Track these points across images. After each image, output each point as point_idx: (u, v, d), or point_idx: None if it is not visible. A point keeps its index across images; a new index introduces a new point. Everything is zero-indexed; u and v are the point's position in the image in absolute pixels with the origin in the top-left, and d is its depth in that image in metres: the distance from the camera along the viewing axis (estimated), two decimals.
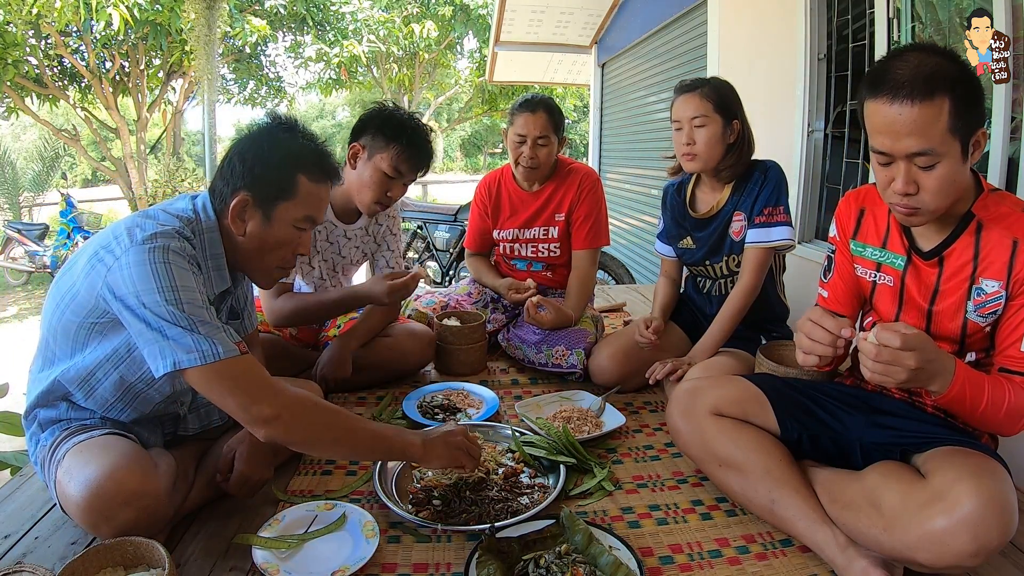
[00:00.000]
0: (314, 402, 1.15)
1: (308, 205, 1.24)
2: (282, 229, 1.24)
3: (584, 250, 2.25)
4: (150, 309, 1.05)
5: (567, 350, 2.05)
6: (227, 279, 1.27)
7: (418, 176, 1.87)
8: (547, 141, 2.15)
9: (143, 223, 1.13)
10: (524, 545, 1.15)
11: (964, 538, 0.96)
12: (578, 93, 13.81)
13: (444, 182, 20.72)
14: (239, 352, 1.10)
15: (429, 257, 5.49)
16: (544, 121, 2.13)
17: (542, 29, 6.87)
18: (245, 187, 1.20)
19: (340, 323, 2.14)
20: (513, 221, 2.31)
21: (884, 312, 1.28)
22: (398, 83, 13.67)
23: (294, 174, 1.22)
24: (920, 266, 1.20)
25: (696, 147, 1.77)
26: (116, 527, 1.07)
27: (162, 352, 1.05)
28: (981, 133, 1.06)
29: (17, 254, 8.08)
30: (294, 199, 1.22)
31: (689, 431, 1.37)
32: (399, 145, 1.77)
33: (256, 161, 1.20)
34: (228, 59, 10.96)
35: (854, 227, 1.32)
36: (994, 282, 1.12)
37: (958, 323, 1.17)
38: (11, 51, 7.92)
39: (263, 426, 1.09)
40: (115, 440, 1.16)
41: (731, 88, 1.81)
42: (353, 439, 1.19)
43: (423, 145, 1.82)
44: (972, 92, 1.03)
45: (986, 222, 1.12)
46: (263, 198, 1.21)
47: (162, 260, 1.08)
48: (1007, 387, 1.10)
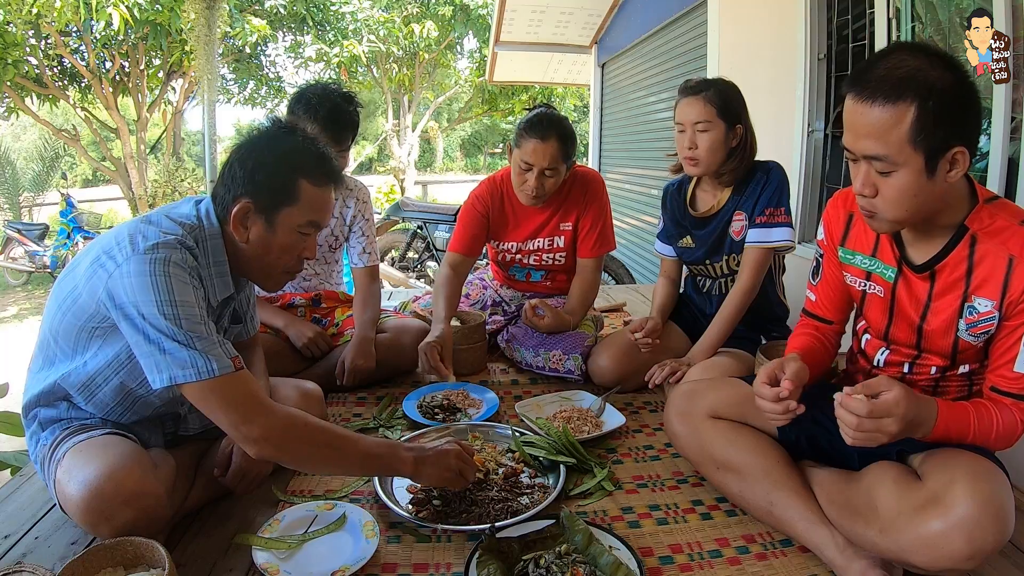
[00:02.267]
0: (304, 422, 1.14)
1: (311, 210, 1.23)
2: (285, 235, 1.23)
3: (590, 258, 2.20)
4: (149, 321, 1.06)
5: (564, 355, 2.03)
6: (230, 286, 1.26)
7: (343, 146, 1.90)
8: (555, 172, 1.98)
9: (146, 230, 1.13)
10: (524, 545, 1.15)
11: (959, 541, 0.96)
12: (578, 93, 13.80)
13: (444, 182, 20.72)
14: (234, 368, 1.10)
15: (429, 257, 5.49)
16: (555, 151, 1.94)
17: (542, 29, 6.87)
18: (246, 193, 1.19)
19: (339, 320, 2.14)
20: (517, 235, 2.21)
21: (874, 323, 1.25)
22: (398, 83, 13.67)
23: (296, 179, 1.21)
24: (911, 279, 1.15)
25: (698, 152, 1.76)
26: (116, 527, 1.07)
27: (158, 366, 1.06)
28: (959, 152, 0.97)
29: (17, 254, 8.08)
30: (297, 204, 1.21)
31: (687, 434, 1.37)
32: (312, 124, 1.81)
33: (257, 167, 1.19)
34: (228, 59, 10.95)
35: (842, 233, 1.26)
36: (988, 301, 1.07)
37: (949, 340, 1.14)
38: (11, 51, 7.91)
39: (252, 445, 1.10)
40: (115, 440, 1.16)
41: (736, 91, 1.80)
42: (343, 458, 1.19)
43: (336, 115, 1.85)
44: (951, 105, 0.95)
45: (980, 236, 1.06)
46: (265, 204, 1.20)
47: (162, 272, 1.07)
48: (993, 412, 1.07)
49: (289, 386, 1.57)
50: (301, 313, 2.12)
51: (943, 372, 1.20)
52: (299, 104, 1.86)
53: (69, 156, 15.10)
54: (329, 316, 2.16)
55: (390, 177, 13.85)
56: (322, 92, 1.87)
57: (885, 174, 1.00)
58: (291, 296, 2.11)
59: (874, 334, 1.27)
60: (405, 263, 5.74)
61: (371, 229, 2.14)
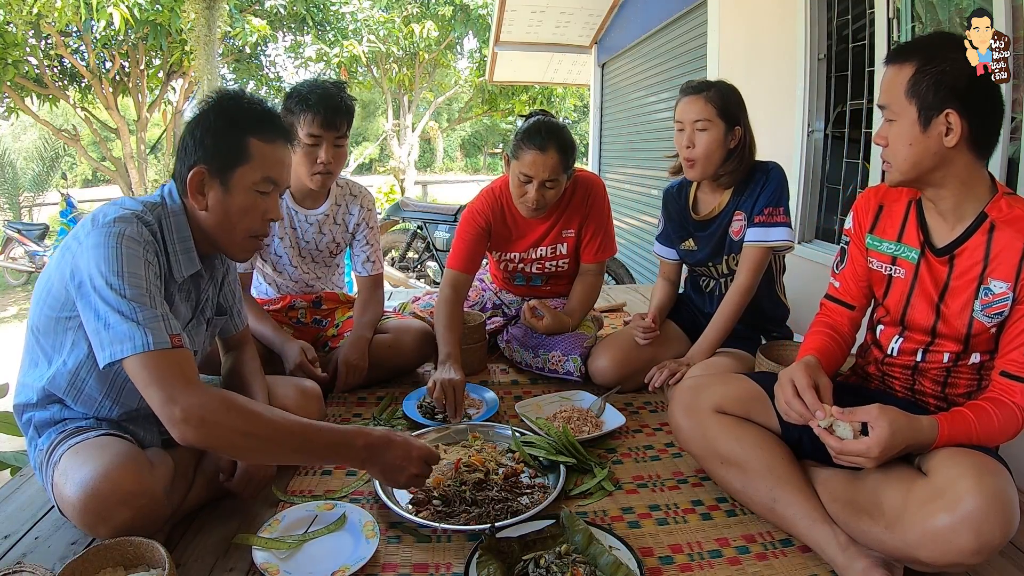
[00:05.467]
0: (239, 407, 1.08)
1: (265, 166, 1.22)
2: (242, 195, 1.22)
3: (593, 263, 2.18)
4: (98, 293, 1.06)
5: (563, 356, 2.03)
6: (196, 261, 1.26)
7: (340, 132, 1.85)
8: (556, 184, 1.92)
9: (107, 209, 1.16)
10: (524, 545, 1.15)
11: (966, 535, 0.96)
12: (578, 93, 13.80)
13: (444, 182, 20.72)
14: (171, 345, 1.07)
15: (429, 257, 5.49)
16: (555, 163, 1.88)
17: (542, 29, 6.87)
18: (199, 160, 1.20)
19: (339, 321, 2.14)
20: (520, 245, 2.17)
21: (893, 307, 1.29)
22: (398, 83, 13.68)
23: (244, 137, 1.20)
24: (932, 261, 1.22)
25: (695, 151, 1.76)
26: (113, 527, 1.07)
27: (102, 343, 1.06)
28: (951, 114, 1.09)
29: (17, 254, 8.08)
30: (249, 163, 1.21)
31: (691, 428, 1.37)
32: (305, 112, 1.79)
33: (205, 133, 1.20)
34: (228, 59, 10.95)
35: (872, 221, 1.33)
36: (1002, 283, 1.13)
37: (964, 321, 1.18)
38: (11, 51, 7.92)
39: (176, 427, 1.03)
40: (110, 441, 1.16)
41: (736, 93, 1.81)
42: (280, 451, 1.12)
43: (329, 101, 1.81)
44: (951, 73, 1.09)
45: (999, 223, 1.14)
46: (218, 167, 1.20)
47: (115, 244, 1.08)
48: (992, 412, 1.10)
49: (288, 385, 1.57)
50: (302, 314, 2.12)
51: (955, 361, 1.23)
52: (291, 98, 1.83)
53: (69, 156, 15.12)
54: (330, 317, 2.16)
55: (390, 177, 13.85)
56: (312, 82, 1.85)
57: (891, 122, 1.15)
58: (292, 298, 2.11)
59: (891, 320, 1.30)
60: (405, 263, 5.74)
61: (375, 237, 2.13)
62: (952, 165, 1.13)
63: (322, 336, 2.14)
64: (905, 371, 1.30)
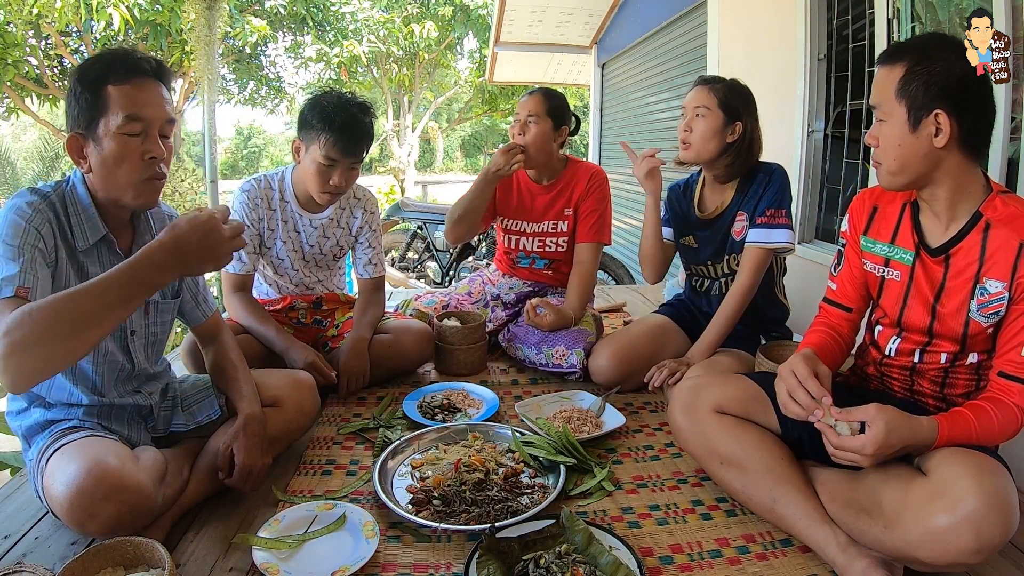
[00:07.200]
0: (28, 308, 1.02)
1: (123, 106, 1.20)
2: (111, 143, 1.20)
3: (587, 243, 2.23)
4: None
5: (567, 350, 2.05)
6: (100, 227, 1.27)
7: (358, 158, 1.84)
8: (537, 120, 2.12)
9: (20, 191, 1.23)
10: (524, 545, 1.15)
11: (967, 535, 0.96)
12: (578, 93, 13.80)
13: (444, 182, 20.69)
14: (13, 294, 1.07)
15: (429, 257, 5.49)
16: (537, 100, 2.14)
17: (542, 29, 6.87)
18: (72, 128, 1.23)
19: (339, 322, 2.14)
20: (521, 213, 2.30)
21: (889, 308, 1.29)
22: (398, 83, 13.68)
23: (99, 89, 1.20)
24: (928, 262, 1.22)
25: (691, 135, 1.81)
26: (101, 523, 1.07)
27: None
28: (940, 115, 1.09)
29: None
30: (109, 109, 1.20)
31: (691, 428, 1.37)
32: (326, 133, 1.76)
33: (71, 103, 1.22)
34: (228, 59, 10.96)
35: (866, 223, 1.33)
36: (998, 282, 1.12)
37: (960, 321, 1.17)
38: (11, 51, 7.92)
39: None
40: (95, 440, 1.17)
41: (745, 92, 1.83)
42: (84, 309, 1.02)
43: (353, 128, 1.78)
44: (941, 73, 1.09)
45: (994, 222, 1.13)
46: (85, 128, 1.21)
47: (4, 215, 1.16)
48: (992, 413, 1.10)
49: (280, 374, 1.58)
50: (302, 315, 2.12)
51: (952, 361, 1.22)
52: (313, 112, 1.78)
53: None
54: (330, 318, 2.16)
55: (390, 177, 13.87)
56: (337, 101, 1.79)
57: (882, 122, 1.16)
58: (292, 299, 2.11)
59: (888, 321, 1.30)
60: (405, 263, 5.74)
61: (378, 240, 2.12)
62: (943, 165, 1.14)
63: (322, 336, 2.14)
64: (903, 372, 1.30)
